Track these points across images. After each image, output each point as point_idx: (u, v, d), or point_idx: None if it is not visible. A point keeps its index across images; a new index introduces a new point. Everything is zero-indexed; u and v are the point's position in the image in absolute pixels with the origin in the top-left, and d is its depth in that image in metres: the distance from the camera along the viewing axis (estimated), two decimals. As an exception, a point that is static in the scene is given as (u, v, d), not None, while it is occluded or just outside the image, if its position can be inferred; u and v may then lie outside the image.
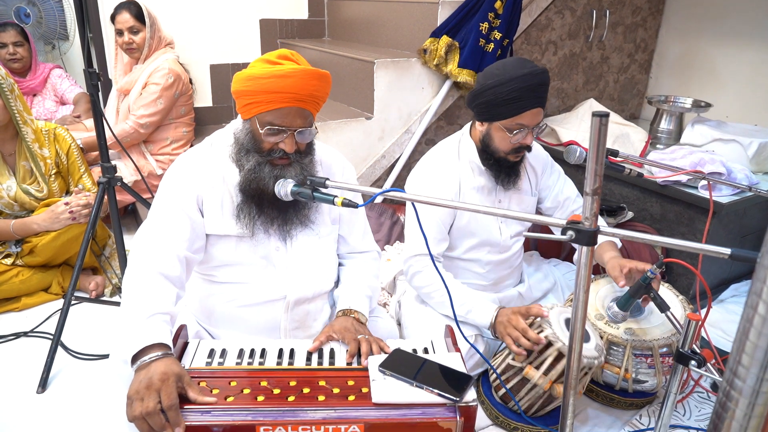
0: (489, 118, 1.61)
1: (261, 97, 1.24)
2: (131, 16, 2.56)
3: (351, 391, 1.12)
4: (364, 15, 3.10)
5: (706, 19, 2.96)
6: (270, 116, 1.25)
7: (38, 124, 2.13)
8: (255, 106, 1.26)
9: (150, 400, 1.00)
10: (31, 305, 2.09)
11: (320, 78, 1.27)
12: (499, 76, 1.53)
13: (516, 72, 1.52)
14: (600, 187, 0.86)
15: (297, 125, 1.27)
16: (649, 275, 1.44)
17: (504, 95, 1.53)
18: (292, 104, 1.25)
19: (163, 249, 1.26)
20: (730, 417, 0.62)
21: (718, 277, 2.33)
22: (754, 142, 2.27)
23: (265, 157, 1.29)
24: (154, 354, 1.08)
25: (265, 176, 1.29)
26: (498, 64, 1.60)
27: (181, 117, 2.78)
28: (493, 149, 1.65)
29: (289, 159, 1.30)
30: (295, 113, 1.26)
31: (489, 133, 1.64)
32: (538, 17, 2.71)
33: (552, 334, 1.44)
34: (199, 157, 1.37)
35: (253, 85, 1.24)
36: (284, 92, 1.23)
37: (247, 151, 1.31)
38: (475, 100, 1.61)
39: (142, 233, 1.30)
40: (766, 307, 0.55)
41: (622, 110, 3.30)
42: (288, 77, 1.22)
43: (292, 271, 1.40)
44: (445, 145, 1.79)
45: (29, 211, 2.12)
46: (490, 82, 1.54)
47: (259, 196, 1.31)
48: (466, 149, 1.73)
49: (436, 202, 1.06)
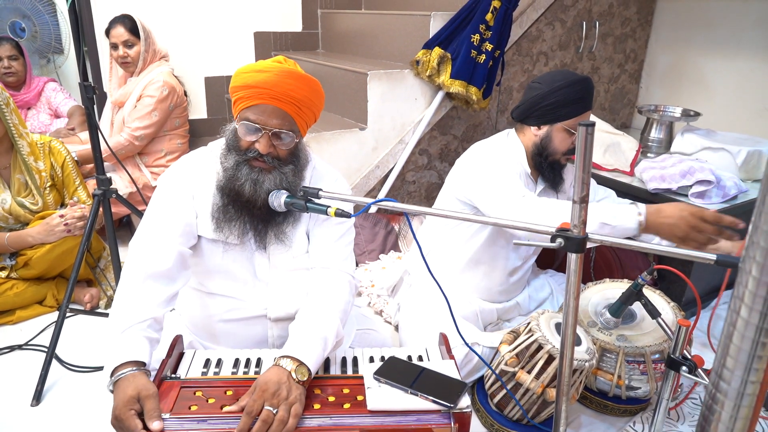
0: (553, 120, 1.70)
1: (242, 92, 1.26)
2: (126, 30, 2.59)
3: (346, 399, 1.13)
4: (357, 27, 3.14)
5: (695, 30, 3.01)
6: (248, 112, 1.26)
7: (33, 137, 2.14)
8: (238, 102, 1.28)
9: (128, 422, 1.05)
10: (26, 318, 2.09)
11: (298, 78, 1.26)
12: (564, 79, 1.66)
13: (577, 77, 1.67)
14: (588, 195, 0.88)
15: (272, 125, 1.25)
16: (640, 282, 1.46)
17: (573, 95, 1.65)
18: (267, 101, 1.24)
19: (154, 245, 1.27)
20: (716, 420, 0.63)
21: (711, 284, 2.35)
22: (743, 150, 2.30)
23: (242, 157, 1.28)
24: (119, 373, 1.11)
25: (241, 177, 1.27)
26: (552, 73, 1.74)
27: (176, 129, 2.80)
28: (551, 151, 1.73)
29: (266, 163, 1.28)
30: (271, 112, 1.25)
31: (549, 135, 1.72)
32: (529, 29, 2.75)
33: (542, 337, 1.45)
34: (195, 160, 1.39)
35: (237, 80, 1.27)
36: (259, 87, 1.24)
37: (229, 149, 1.31)
38: (540, 103, 1.69)
39: (136, 234, 1.31)
40: (749, 310, 0.57)
41: (614, 119, 3.33)
42: (263, 72, 1.24)
43: (273, 287, 1.39)
44: (494, 146, 1.80)
45: (24, 224, 2.12)
46: (558, 84, 1.66)
47: (235, 198, 1.30)
48: (516, 152, 1.77)
49: (428, 212, 1.08)
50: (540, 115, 1.70)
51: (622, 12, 3.05)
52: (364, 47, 3.06)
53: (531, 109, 1.71)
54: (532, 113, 1.72)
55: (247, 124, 1.25)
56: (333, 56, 3.18)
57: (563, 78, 1.67)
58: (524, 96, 1.77)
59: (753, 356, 0.57)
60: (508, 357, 1.51)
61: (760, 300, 0.55)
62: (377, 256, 2.58)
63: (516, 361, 1.50)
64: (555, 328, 1.51)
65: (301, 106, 1.28)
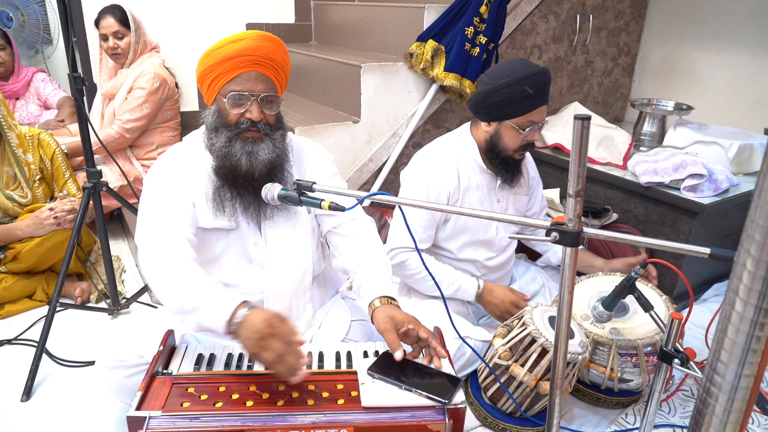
0: (500, 117, 1.66)
1: (220, 68, 1.27)
2: (116, 21, 2.55)
3: (340, 395, 1.13)
4: (350, 19, 3.11)
5: (688, 24, 3.01)
6: (232, 85, 1.28)
7: (22, 129, 2.11)
8: (217, 80, 1.29)
9: (274, 344, 1.08)
10: (15, 312, 2.07)
11: (272, 41, 1.31)
12: (511, 75, 1.59)
13: (526, 71, 1.59)
14: (583, 189, 0.87)
15: (259, 90, 1.29)
16: (633, 275, 1.46)
17: (518, 93, 1.60)
18: (250, 68, 1.28)
19: (174, 239, 1.28)
20: (710, 413, 0.63)
21: (701, 277, 2.36)
22: (735, 144, 2.31)
23: (234, 131, 1.30)
24: (242, 311, 1.14)
25: (236, 152, 1.29)
26: (503, 65, 1.65)
27: (167, 121, 2.77)
28: (501, 148, 1.71)
29: (259, 130, 1.30)
30: (255, 78, 1.29)
31: (498, 133, 1.69)
32: (523, 21, 2.74)
33: (535, 330, 1.46)
34: (178, 155, 1.39)
35: (211, 59, 1.28)
36: (240, 56, 1.26)
37: (216, 129, 1.32)
38: (485, 101, 1.65)
39: (143, 238, 1.29)
40: (743, 304, 0.56)
41: (606, 113, 3.34)
42: (240, 40, 1.27)
43: (269, 266, 1.41)
44: (442, 144, 1.82)
45: (13, 218, 2.09)
46: (503, 81, 1.60)
47: (232, 176, 1.32)
48: (467, 148, 1.77)
49: (423, 205, 1.07)
50: (487, 112, 1.67)
51: (615, 5, 3.04)
52: (357, 39, 3.04)
53: (478, 105, 1.68)
54: (480, 109, 1.69)
55: (235, 94, 1.27)
56: (326, 48, 3.15)
57: (510, 74, 1.60)
58: (476, 88, 1.73)
59: (747, 350, 0.57)
60: (501, 350, 1.51)
61: (755, 294, 0.55)
62: (370, 250, 2.57)
63: (509, 354, 1.50)
64: (548, 321, 1.52)
65: (279, 69, 1.33)
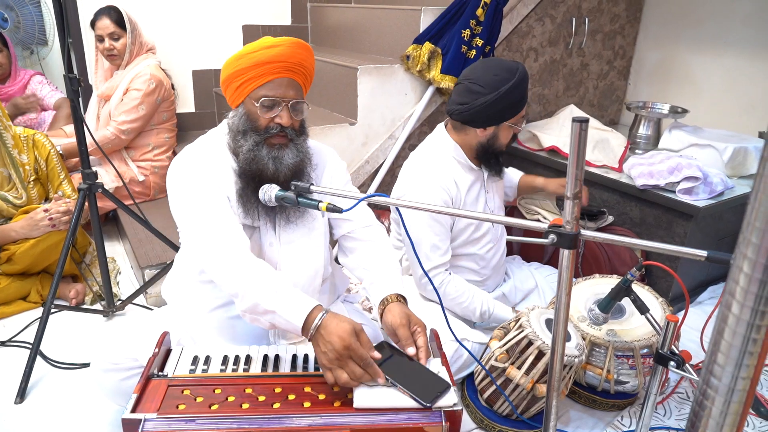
0: (500, 120, 1.69)
1: (252, 72, 1.28)
2: (112, 23, 2.54)
3: (336, 397, 1.13)
4: (347, 21, 3.11)
5: (683, 27, 3.03)
6: (263, 90, 1.29)
7: (16, 129, 2.10)
8: (247, 84, 1.29)
9: (351, 366, 1.11)
10: (9, 314, 2.05)
11: (305, 48, 1.33)
12: (508, 80, 1.61)
13: (517, 72, 1.63)
14: (580, 192, 0.87)
15: (290, 96, 1.30)
16: (629, 278, 1.47)
17: (518, 95, 1.65)
18: (283, 74, 1.29)
19: (235, 234, 1.28)
20: (707, 415, 0.63)
21: (697, 279, 2.37)
22: (729, 147, 2.32)
23: (262, 136, 1.31)
24: (320, 314, 1.16)
25: (263, 157, 1.30)
26: (487, 71, 1.65)
27: (163, 123, 2.76)
28: (497, 147, 1.74)
29: (286, 136, 1.32)
30: (287, 84, 1.30)
31: (496, 135, 1.72)
32: (519, 24, 2.75)
33: (532, 332, 1.46)
34: (201, 154, 1.37)
35: (244, 62, 1.28)
36: (274, 62, 1.27)
37: (244, 133, 1.32)
38: (488, 110, 1.64)
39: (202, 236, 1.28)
40: (740, 306, 0.57)
41: (602, 116, 3.35)
42: (276, 46, 1.28)
43: (282, 266, 1.40)
44: (429, 151, 1.80)
45: (7, 219, 2.08)
46: (505, 87, 1.61)
47: (258, 179, 1.31)
48: (452, 151, 1.77)
49: (419, 207, 1.07)
50: (486, 119, 1.68)
51: (611, 8, 3.06)
52: (354, 41, 3.04)
53: (478, 114, 1.66)
54: (479, 118, 1.68)
55: (267, 99, 1.28)
56: (322, 50, 3.15)
57: (507, 78, 1.61)
58: (462, 97, 1.68)
59: (744, 352, 0.57)
60: (498, 353, 1.51)
61: (751, 296, 0.55)
62: (367, 252, 2.57)
63: (506, 356, 1.50)
64: (545, 323, 1.52)
65: (308, 75, 1.36)
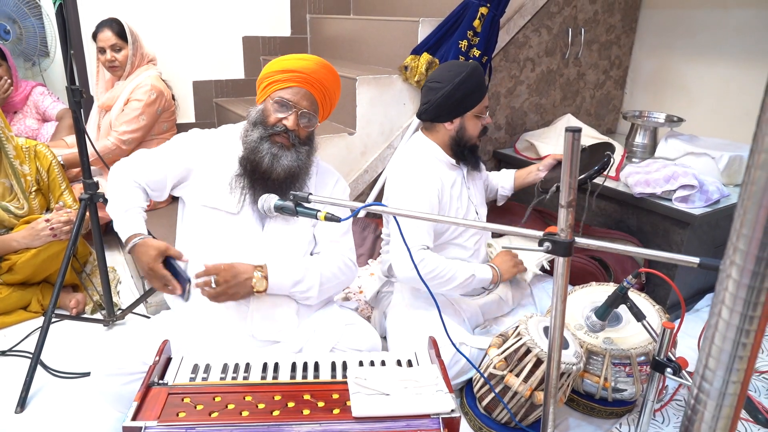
0: (462, 112, 1.80)
1: (279, 75, 1.47)
2: (113, 34, 2.57)
3: (335, 405, 1.14)
4: (346, 33, 3.15)
5: (678, 37, 3.06)
6: (282, 92, 1.47)
7: (18, 140, 2.12)
8: (272, 85, 1.47)
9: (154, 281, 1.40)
10: (10, 324, 2.06)
11: (330, 70, 1.51)
12: (462, 71, 1.76)
13: (468, 66, 1.78)
14: (574, 200, 0.89)
15: (303, 106, 1.47)
16: (626, 285, 1.48)
17: (474, 83, 1.77)
18: (303, 85, 1.46)
19: (144, 165, 1.54)
20: (699, 419, 0.64)
21: (694, 287, 2.38)
22: (725, 155, 2.34)
23: (268, 131, 1.47)
24: (133, 240, 1.43)
25: (263, 150, 1.45)
26: (443, 70, 1.82)
27: (164, 133, 2.78)
28: (467, 139, 1.84)
29: (288, 139, 1.47)
30: (303, 95, 1.47)
31: (463, 126, 1.82)
32: (516, 35, 2.78)
33: (530, 340, 1.47)
34: (211, 134, 1.61)
35: (275, 66, 1.49)
36: (298, 71, 1.46)
37: (254, 124, 1.49)
38: (447, 101, 1.77)
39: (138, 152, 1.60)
40: (729, 311, 0.58)
41: (599, 125, 3.38)
42: (305, 60, 1.48)
43: (263, 256, 1.49)
44: (411, 154, 1.88)
45: (8, 229, 2.09)
46: (459, 78, 1.75)
47: (252, 170, 1.47)
48: (432, 152, 1.85)
49: (417, 215, 1.09)
50: (450, 111, 1.80)
51: (606, 19, 3.09)
52: (352, 52, 3.07)
53: (441, 108, 1.79)
54: (443, 111, 1.80)
55: (282, 100, 1.46)
56: (321, 61, 3.18)
57: (460, 71, 1.76)
58: (426, 97, 1.83)
59: (734, 357, 0.58)
60: (496, 360, 1.52)
61: (740, 302, 0.56)
62: (366, 261, 2.58)
63: (504, 364, 1.51)
64: (543, 331, 1.53)
65: (326, 95, 1.52)
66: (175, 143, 1.59)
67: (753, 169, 0.49)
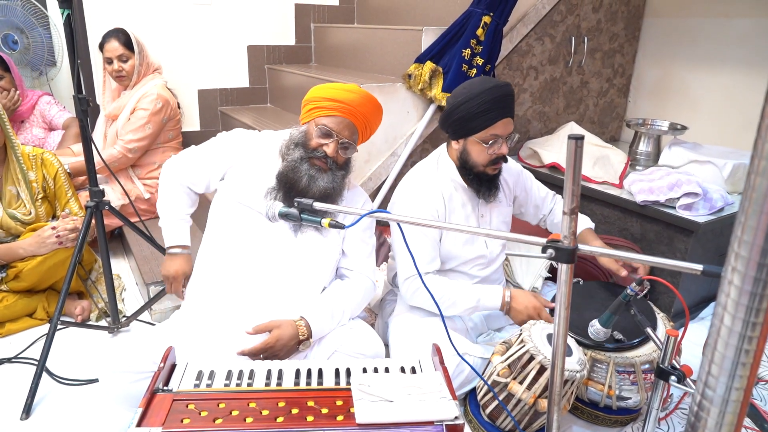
0: (464, 134, 1.70)
1: (326, 102, 1.53)
2: (120, 45, 2.60)
3: (339, 411, 1.14)
4: (350, 41, 3.17)
5: (681, 45, 3.07)
6: (326, 120, 1.53)
7: (25, 148, 2.14)
8: (318, 110, 1.54)
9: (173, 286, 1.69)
10: (16, 331, 2.07)
11: (375, 106, 1.58)
12: (467, 93, 1.65)
13: (482, 87, 1.64)
14: (578, 207, 0.89)
15: (344, 136, 1.53)
16: (629, 293, 1.48)
17: (475, 109, 1.64)
18: (346, 116, 1.52)
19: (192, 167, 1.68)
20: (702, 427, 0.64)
21: (699, 295, 2.38)
22: (729, 163, 2.34)
23: (308, 153, 1.53)
24: (174, 249, 1.69)
25: (301, 170, 1.51)
26: (464, 84, 1.72)
27: (169, 141, 2.80)
28: (471, 164, 1.73)
29: (326, 164, 1.53)
30: (346, 125, 1.53)
31: (465, 149, 1.73)
32: (519, 43, 2.79)
33: (534, 347, 1.46)
34: (255, 136, 1.70)
35: (323, 92, 1.55)
36: (345, 103, 1.52)
37: (296, 145, 1.55)
38: (448, 119, 1.71)
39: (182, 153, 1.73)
40: (732, 318, 0.58)
41: (603, 133, 3.38)
42: (352, 92, 1.54)
43: (293, 264, 1.56)
44: (425, 167, 1.84)
45: (15, 236, 2.11)
46: (460, 99, 1.67)
47: (289, 188, 1.52)
48: (446, 168, 1.79)
49: (421, 222, 1.09)
50: (453, 130, 1.72)
51: (610, 28, 3.11)
52: (356, 61, 3.10)
53: (444, 123, 1.75)
54: (447, 128, 1.75)
55: (324, 128, 1.52)
56: (325, 70, 3.21)
57: (467, 92, 1.65)
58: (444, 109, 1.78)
59: (737, 363, 0.59)
60: (500, 368, 1.52)
61: (742, 308, 0.56)
62: (370, 268, 2.58)
63: (508, 371, 1.50)
64: (547, 338, 1.53)
65: (368, 126, 1.59)
66: (220, 142, 1.69)
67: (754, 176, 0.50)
